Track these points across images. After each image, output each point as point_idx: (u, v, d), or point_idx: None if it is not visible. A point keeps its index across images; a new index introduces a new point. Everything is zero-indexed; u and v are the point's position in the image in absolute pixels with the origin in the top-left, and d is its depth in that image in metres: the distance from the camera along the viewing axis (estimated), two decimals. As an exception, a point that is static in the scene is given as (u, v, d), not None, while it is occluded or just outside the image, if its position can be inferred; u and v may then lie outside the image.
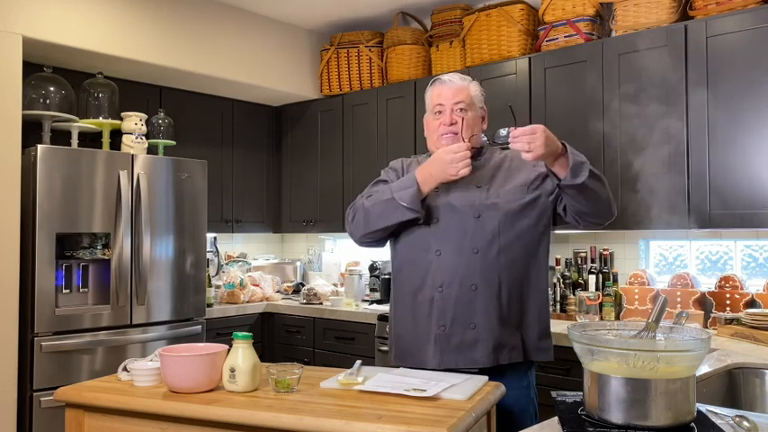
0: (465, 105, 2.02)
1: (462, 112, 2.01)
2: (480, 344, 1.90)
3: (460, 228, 1.95)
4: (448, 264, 1.93)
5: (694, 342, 1.29)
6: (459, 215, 1.96)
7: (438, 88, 2.07)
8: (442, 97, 2.04)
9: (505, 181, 2.00)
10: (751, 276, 3.00)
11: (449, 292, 1.92)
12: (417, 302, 1.98)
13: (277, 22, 4.23)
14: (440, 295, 1.93)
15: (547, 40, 3.36)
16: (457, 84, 2.04)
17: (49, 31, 3.15)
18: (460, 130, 1.99)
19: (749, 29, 2.67)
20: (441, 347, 1.92)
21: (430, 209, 1.98)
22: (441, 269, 1.94)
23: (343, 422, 1.47)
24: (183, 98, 4.10)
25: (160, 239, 3.45)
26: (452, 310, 1.92)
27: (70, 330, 3.11)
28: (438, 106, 2.04)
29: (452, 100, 2.02)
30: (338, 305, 3.86)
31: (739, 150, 2.69)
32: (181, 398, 1.68)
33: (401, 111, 3.92)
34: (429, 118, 2.11)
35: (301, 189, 4.50)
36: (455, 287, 1.92)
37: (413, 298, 1.99)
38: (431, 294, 1.95)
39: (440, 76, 2.11)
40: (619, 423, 1.25)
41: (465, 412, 1.50)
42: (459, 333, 1.91)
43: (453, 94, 2.02)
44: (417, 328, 1.97)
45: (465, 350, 1.91)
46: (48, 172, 3.05)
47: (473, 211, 1.95)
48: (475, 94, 2.06)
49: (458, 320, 1.91)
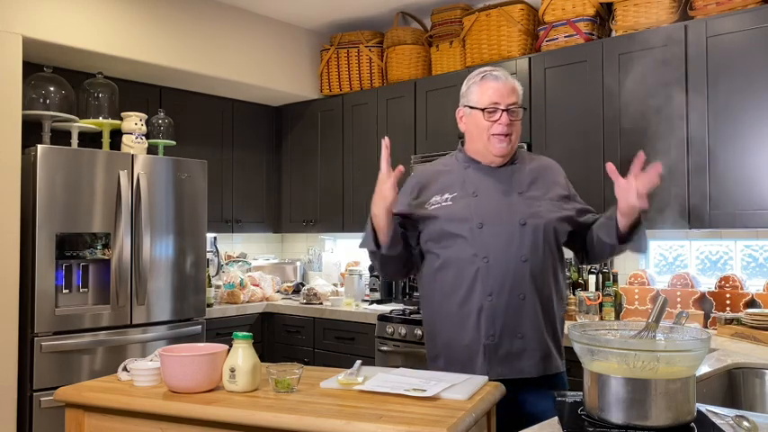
0: (517, 106, 1.94)
1: (514, 114, 1.93)
2: (527, 353, 1.85)
3: (507, 234, 1.87)
4: (497, 271, 1.85)
5: (694, 342, 1.29)
6: (505, 221, 1.88)
7: (492, 84, 1.93)
8: (497, 94, 1.91)
9: (544, 189, 1.95)
10: (751, 276, 2.99)
11: (498, 300, 1.85)
12: (464, 311, 1.89)
13: (277, 22, 4.23)
14: (489, 304, 1.86)
15: (547, 40, 3.36)
16: (511, 82, 1.94)
17: (49, 31, 3.15)
18: (512, 136, 1.93)
19: (749, 29, 2.67)
20: (489, 358, 1.86)
21: (473, 214, 1.90)
22: (489, 277, 1.86)
23: (343, 422, 1.47)
24: (183, 98, 4.10)
25: (160, 239, 3.45)
26: (502, 319, 1.85)
27: (70, 330, 3.11)
28: (494, 104, 1.91)
29: (508, 99, 1.91)
30: (338, 305, 3.86)
31: (739, 150, 2.69)
32: (181, 398, 1.68)
33: (401, 111, 3.92)
34: (475, 114, 1.95)
35: (301, 189, 4.50)
36: (504, 296, 1.85)
37: (459, 306, 1.90)
38: (479, 303, 1.87)
39: (487, 69, 1.99)
40: (619, 423, 1.25)
41: (465, 412, 1.50)
42: (507, 343, 1.85)
43: (509, 93, 1.92)
44: (465, 337, 1.89)
45: (512, 360, 1.85)
46: (48, 172, 3.05)
47: (518, 218, 1.88)
48: (521, 95, 1.99)
49: (506, 330, 1.85)
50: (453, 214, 1.92)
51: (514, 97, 1.93)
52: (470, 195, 1.93)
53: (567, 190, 2.00)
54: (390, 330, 3.39)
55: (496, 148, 1.92)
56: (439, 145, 3.69)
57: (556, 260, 1.94)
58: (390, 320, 3.43)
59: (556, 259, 1.94)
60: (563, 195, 1.98)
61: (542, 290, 1.88)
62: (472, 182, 1.96)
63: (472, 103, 1.96)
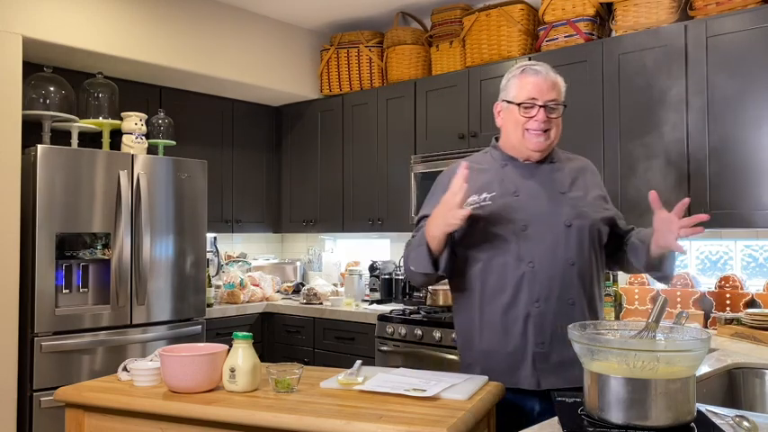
0: (557, 103, 1.84)
1: (553, 111, 1.84)
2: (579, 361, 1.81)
3: (552, 237, 1.79)
4: (544, 276, 1.77)
5: (694, 342, 1.29)
6: (550, 223, 1.80)
7: (532, 78, 1.84)
8: (536, 90, 1.82)
9: (585, 189, 1.88)
10: (751, 276, 2.99)
11: (546, 307, 1.76)
12: (509, 318, 1.79)
13: (277, 22, 4.23)
14: (537, 311, 1.76)
15: (547, 40, 3.36)
16: (552, 77, 1.85)
17: (49, 31, 3.15)
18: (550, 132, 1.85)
19: (749, 29, 2.67)
20: (539, 367, 1.77)
21: (516, 215, 1.80)
22: (536, 282, 1.77)
23: (343, 422, 1.47)
24: (183, 98, 4.10)
25: (160, 239, 3.45)
26: (551, 326, 1.76)
27: (70, 330, 3.11)
28: (531, 100, 1.82)
29: (547, 96, 1.82)
30: (338, 305, 3.86)
31: (739, 150, 2.69)
32: (181, 398, 1.68)
33: (401, 111, 3.92)
34: (512, 109, 1.86)
35: (301, 189, 4.50)
36: (553, 302, 1.77)
37: (503, 313, 1.80)
38: (526, 310, 1.77)
39: (528, 63, 1.91)
40: (619, 423, 1.25)
41: (465, 412, 1.50)
42: (558, 351, 1.76)
43: (548, 89, 1.83)
44: (510, 345, 1.79)
45: (565, 369, 1.76)
46: (48, 172, 3.05)
47: (564, 219, 1.80)
48: (564, 91, 1.89)
49: (557, 337, 1.75)
50: (494, 215, 1.81)
51: (554, 93, 1.84)
52: (511, 195, 1.83)
53: (603, 191, 1.95)
54: (390, 330, 3.39)
55: (533, 143, 1.83)
56: (439, 145, 3.69)
57: (600, 262, 1.87)
58: (390, 320, 3.43)
59: (599, 261, 1.87)
60: (602, 196, 1.92)
61: (590, 294, 1.82)
62: (512, 181, 1.86)
63: (509, 98, 1.87)
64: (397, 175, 3.91)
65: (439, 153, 3.64)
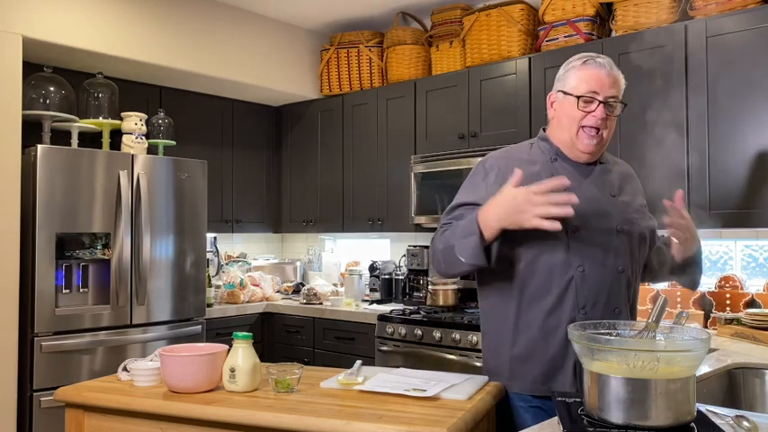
0: (617, 100, 1.74)
1: (613, 108, 1.73)
2: None
3: (604, 241, 1.70)
4: (592, 282, 1.69)
5: (694, 342, 1.29)
6: (601, 226, 1.71)
7: (594, 71, 1.73)
8: (598, 83, 1.71)
9: (632, 195, 1.80)
10: (751, 276, 2.99)
11: (592, 314, 1.68)
12: (551, 323, 1.70)
13: (277, 22, 4.23)
14: (582, 317, 1.67)
15: (547, 40, 3.36)
16: (615, 72, 1.74)
17: (49, 31, 3.15)
18: (604, 133, 1.73)
19: (749, 29, 2.67)
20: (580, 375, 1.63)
21: None
22: (584, 288, 1.69)
23: (343, 422, 1.47)
24: (183, 98, 4.10)
25: (160, 239, 3.45)
26: None
27: (70, 330, 3.11)
28: (592, 93, 1.71)
29: (608, 91, 1.71)
30: (338, 305, 3.86)
31: (739, 150, 2.69)
32: (181, 398, 1.68)
33: (401, 111, 3.92)
34: (569, 101, 1.75)
35: (301, 189, 4.50)
36: (599, 309, 1.69)
37: (545, 318, 1.70)
38: (571, 316, 1.68)
39: (590, 54, 1.78)
40: (619, 423, 1.25)
41: (465, 412, 1.50)
42: None
43: (611, 84, 1.72)
44: (549, 352, 1.70)
45: None
46: (48, 172, 3.05)
47: (615, 224, 1.72)
48: (624, 88, 1.78)
49: None
50: None
51: (615, 90, 1.73)
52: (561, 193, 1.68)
53: (644, 198, 1.86)
54: (390, 330, 3.39)
55: (584, 144, 1.72)
56: (439, 145, 3.69)
57: (640, 272, 1.81)
58: (390, 320, 3.43)
59: (640, 271, 1.81)
60: (645, 204, 1.85)
61: (632, 303, 1.76)
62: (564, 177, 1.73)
63: (567, 89, 1.75)
64: (397, 175, 3.91)
65: (439, 153, 3.64)
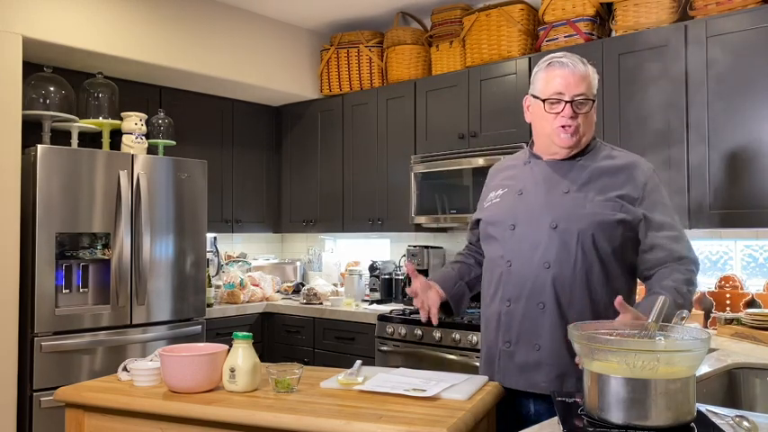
0: (586, 98, 1.74)
1: (583, 106, 1.74)
2: (544, 367, 1.71)
3: (534, 238, 1.74)
4: (517, 277, 1.76)
5: (694, 342, 1.29)
6: (536, 224, 1.75)
7: (559, 72, 1.74)
8: (562, 84, 1.73)
9: (603, 190, 1.74)
10: (751, 276, 2.99)
11: (515, 307, 1.76)
12: (488, 314, 1.86)
13: (277, 22, 4.23)
14: (507, 310, 1.77)
15: (547, 40, 3.36)
16: (580, 70, 1.74)
17: (49, 31, 3.15)
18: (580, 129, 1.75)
19: (749, 29, 2.67)
20: (503, 365, 1.79)
21: (510, 214, 1.80)
22: (509, 282, 1.77)
23: (343, 422, 1.47)
24: (182, 98, 4.10)
25: (160, 239, 3.45)
26: (518, 327, 1.75)
27: (70, 330, 3.11)
28: (557, 95, 1.73)
29: (575, 90, 1.72)
30: (338, 305, 3.86)
31: (739, 150, 2.69)
32: (181, 398, 1.68)
33: (401, 111, 3.92)
34: (539, 105, 1.78)
35: (301, 189, 4.50)
36: (522, 303, 1.75)
37: (486, 309, 1.88)
38: (499, 308, 1.80)
39: (557, 55, 1.78)
40: (619, 423, 1.25)
41: (465, 412, 1.50)
42: (524, 353, 1.74)
43: (576, 83, 1.73)
44: (488, 340, 1.86)
45: (528, 371, 1.74)
46: (48, 172, 3.05)
47: (551, 220, 1.73)
48: (594, 83, 1.78)
49: (522, 339, 1.74)
50: (494, 214, 1.85)
51: (583, 87, 1.73)
52: (516, 194, 1.83)
53: (639, 192, 1.73)
54: (390, 330, 3.39)
55: (561, 139, 1.75)
56: (439, 145, 3.69)
57: (611, 275, 1.73)
58: (390, 320, 3.43)
59: (611, 274, 1.73)
60: (631, 197, 1.72)
61: (570, 302, 1.71)
62: (524, 179, 1.84)
63: (536, 92, 1.79)
64: (397, 175, 3.91)
65: (439, 153, 3.64)
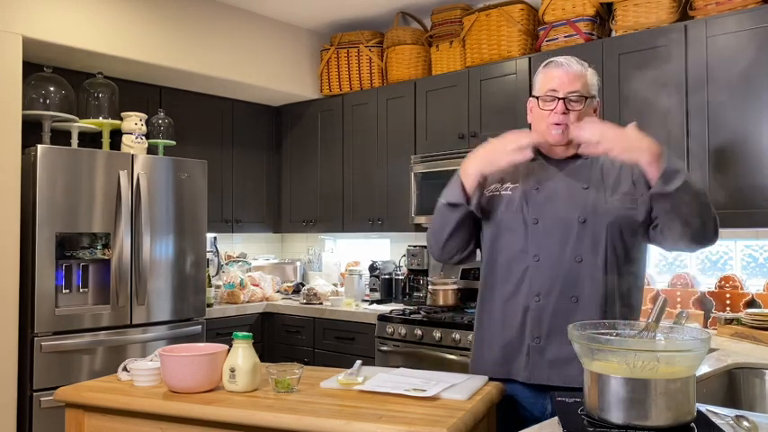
0: (579, 96, 1.79)
1: (576, 103, 1.78)
2: (577, 361, 1.68)
3: (563, 232, 1.76)
4: (547, 271, 1.75)
5: (694, 342, 1.29)
6: (563, 218, 1.77)
7: (553, 71, 1.84)
8: (556, 82, 1.80)
9: (617, 185, 1.78)
10: (751, 276, 2.99)
11: (546, 302, 1.74)
12: (508, 311, 1.81)
13: (277, 22, 4.23)
14: (536, 305, 1.75)
15: (547, 40, 3.36)
16: (575, 69, 1.82)
17: (49, 31, 3.15)
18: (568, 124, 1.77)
19: (749, 29, 2.67)
20: (533, 361, 1.75)
21: (529, 208, 1.80)
22: (538, 276, 1.76)
23: (343, 422, 1.47)
24: (183, 98, 4.10)
25: (160, 239, 3.45)
26: (549, 321, 1.74)
27: (70, 330, 3.11)
28: (551, 92, 1.80)
29: (568, 88, 1.78)
30: (338, 305, 3.86)
31: (739, 150, 2.69)
32: (181, 398, 1.68)
33: (401, 111, 3.92)
34: (536, 103, 1.85)
35: (301, 189, 4.50)
36: (553, 297, 1.74)
37: (503, 304, 1.82)
38: (526, 303, 1.77)
39: (555, 57, 1.88)
40: (619, 423, 1.25)
41: (465, 412, 1.50)
42: (555, 347, 1.73)
43: (570, 81, 1.79)
44: (507, 337, 1.80)
45: (560, 366, 1.73)
46: (48, 172, 3.05)
47: (578, 215, 1.75)
48: (591, 82, 1.84)
49: (554, 333, 1.73)
50: (509, 205, 1.83)
51: (577, 85, 1.79)
52: (531, 188, 1.82)
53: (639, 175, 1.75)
54: (390, 330, 3.39)
55: (552, 136, 1.80)
56: (439, 145, 3.69)
57: (632, 265, 1.78)
58: (390, 320, 3.43)
59: (632, 264, 1.78)
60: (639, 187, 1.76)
61: (602, 294, 1.73)
62: (536, 175, 1.84)
63: (534, 92, 1.88)
64: (397, 175, 3.91)
65: (439, 153, 3.64)
